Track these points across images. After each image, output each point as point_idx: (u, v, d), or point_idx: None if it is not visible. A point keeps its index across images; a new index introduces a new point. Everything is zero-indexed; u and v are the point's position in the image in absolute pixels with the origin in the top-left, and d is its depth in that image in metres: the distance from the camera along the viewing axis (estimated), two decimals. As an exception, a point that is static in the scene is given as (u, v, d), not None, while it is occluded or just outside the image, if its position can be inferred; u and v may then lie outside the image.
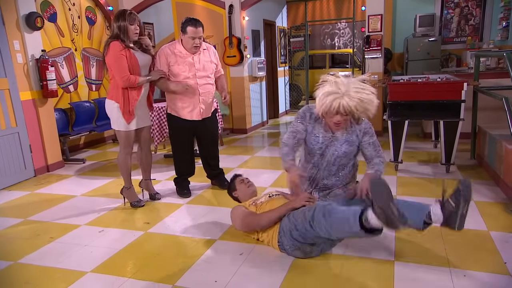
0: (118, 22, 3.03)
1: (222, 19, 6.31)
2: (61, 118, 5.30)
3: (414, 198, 3.29)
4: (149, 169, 3.60)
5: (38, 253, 2.64)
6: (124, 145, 3.30)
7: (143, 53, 3.23)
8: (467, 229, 2.67)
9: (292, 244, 2.31)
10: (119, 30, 3.04)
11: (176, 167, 3.70)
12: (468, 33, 7.30)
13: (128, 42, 3.08)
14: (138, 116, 3.25)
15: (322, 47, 10.79)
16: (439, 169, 4.02)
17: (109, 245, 2.70)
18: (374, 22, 5.45)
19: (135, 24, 3.07)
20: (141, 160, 3.53)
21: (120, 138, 3.29)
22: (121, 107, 3.12)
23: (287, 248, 2.35)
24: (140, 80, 3.12)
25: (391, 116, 3.93)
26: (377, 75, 5.63)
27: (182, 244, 2.67)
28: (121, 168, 3.37)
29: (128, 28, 3.04)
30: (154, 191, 3.61)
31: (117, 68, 3.03)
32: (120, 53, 3.02)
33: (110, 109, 3.18)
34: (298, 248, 2.31)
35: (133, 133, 3.29)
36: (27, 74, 4.43)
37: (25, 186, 4.22)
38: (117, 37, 3.04)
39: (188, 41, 3.27)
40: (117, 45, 3.02)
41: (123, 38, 3.04)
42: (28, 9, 4.40)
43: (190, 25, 3.22)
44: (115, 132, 3.35)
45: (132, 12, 3.09)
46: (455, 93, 3.69)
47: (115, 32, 3.05)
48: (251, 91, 6.70)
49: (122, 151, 3.32)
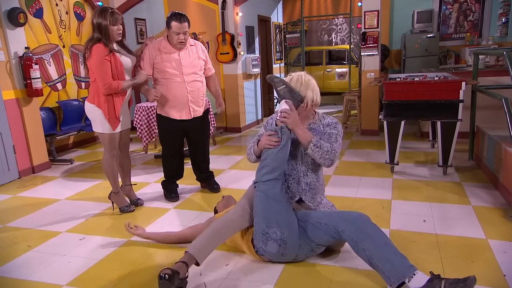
0: (98, 20, 2.83)
1: (215, 15, 6.14)
2: (48, 118, 5.14)
3: (410, 202, 3.18)
4: (129, 173, 3.42)
5: (13, 263, 2.51)
6: (109, 148, 3.14)
7: (128, 54, 3.07)
8: (464, 237, 2.56)
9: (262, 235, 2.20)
10: (100, 31, 2.84)
11: (164, 169, 3.56)
12: (467, 29, 7.15)
13: (111, 45, 2.89)
14: (122, 119, 3.11)
15: (319, 43, 10.63)
16: (436, 171, 3.90)
17: (89, 254, 2.57)
18: (370, 18, 5.30)
19: (117, 24, 2.89)
20: (121, 164, 3.32)
21: (104, 141, 3.13)
22: (106, 114, 2.96)
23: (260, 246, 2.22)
24: (124, 85, 2.96)
25: (386, 116, 3.79)
26: (374, 73, 5.50)
27: (167, 253, 2.54)
28: (107, 172, 3.21)
29: (110, 29, 2.86)
30: (135, 197, 3.43)
31: (99, 74, 2.86)
32: (105, 58, 2.84)
33: (92, 112, 3.02)
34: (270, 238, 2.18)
35: (118, 135, 3.14)
36: (9, 72, 4.27)
37: (8, 189, 4.08)
38: (98, 39, 2.85)
39: (172, 36, 3.12)
40: (101, 49, 2.84)
41: (106, 42, 2.86)
42: (10, 4, 4.24)
43: (175, 19, 3.06)
44: (98, 135, 3.19)
45: (114, 11, 2.87)
46: (453, 92, 3.55)
47: (95, 35, 2.86)
48: (245, 88, 6.55)
49: (107, 155, 3.16)
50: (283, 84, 2.28)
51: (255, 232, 2.24)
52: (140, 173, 4.39)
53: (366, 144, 5.20)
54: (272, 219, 2.17)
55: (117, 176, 3.24)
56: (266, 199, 2.18)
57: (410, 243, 2.51)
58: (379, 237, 2.01)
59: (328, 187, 3.63)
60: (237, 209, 2.29)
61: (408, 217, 2.90)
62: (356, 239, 2.03)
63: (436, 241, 2.52)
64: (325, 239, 2.20)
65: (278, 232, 2.16)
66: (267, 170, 2.20)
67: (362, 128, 5.79)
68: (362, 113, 5.76)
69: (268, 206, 2.18)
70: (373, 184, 3.67)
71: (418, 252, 2.39)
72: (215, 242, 2.17)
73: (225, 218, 2.25)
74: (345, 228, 2.07)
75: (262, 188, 2.20)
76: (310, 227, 2.19)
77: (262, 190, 2.19)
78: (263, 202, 2.19)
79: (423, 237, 2.59)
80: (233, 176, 4.14)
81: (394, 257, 1.94)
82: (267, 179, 2.19)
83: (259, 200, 2.21)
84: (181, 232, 2.63)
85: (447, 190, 3.42)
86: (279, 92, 2.29)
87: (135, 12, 6.93)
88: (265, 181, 2.19)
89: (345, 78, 9.34)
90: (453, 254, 2.36)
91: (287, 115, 2.20)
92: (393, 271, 1.90)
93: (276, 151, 2.20)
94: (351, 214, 2.15)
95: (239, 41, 6.21)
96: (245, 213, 2.28)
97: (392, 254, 1.96)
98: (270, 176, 2.19)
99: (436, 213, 2.95)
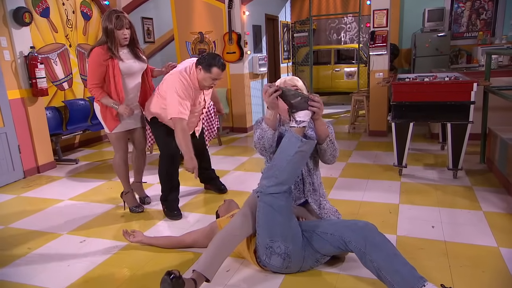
0: (105, 24, 2.82)
1: (222, 14, 6.08)
2: (54, 117, 5.14)
3: (419, 207, 3.08)
4: (141, 171, 3.44)
5: (12, 266, 2.48)
6: (117, 147, 3.16)
7: (136, 60, 3.01)
8: (475, 245, 2.47)
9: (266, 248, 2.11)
10: (106, 34, 2.82)
11: (164, 184, 3.19)
12: (479, 28, 6.99)
13: (115, 50, 2.84)
14: (126, 120, 3.07)
15: (328, 42, 10.50)
16: (446, 174, 3.79)
17: (88, 258, 2.53)
18: (379, 17, 5.19)
19: (123, 29, 2.84)
20: (133, 161, 3.37)
21: (112, 141, 3.16)
22: (102, 114, 2.96)
23: (264, 259, 2.15)
24: (103, 100, 2.88)
25: (395, 118, 3.70)
26: (382, 73, 5.39)
27: (168, 258, 2.49)
28: (117, 172, 3.25)
29: (115, 33, 2.82)
30: (144, 194, 3.47)
31: (89, 74, 2.86)
32: (103, 62, 2.81)
33: (99, 112, 3.04)
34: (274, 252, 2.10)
35: (123, 135, 3.12)
36: (15, 72, 4.27)
37: (12, 188, 4.08)
38: (104, 42, 2.83)
39: (207, 80, 2.88)
40: (101, 53, 2.81)
41: (110, 46, 2.82)
42: (15, 4, 4.23)
43: (218, 67, 2.83)
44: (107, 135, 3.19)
45: (120, 15, 2.83)
46: (464, 93, 3.44)
47: (102, 38, 2.85)
48: (251, 88, 6.48)
49: (116, 154, 3.20)
50: (298, 95, 2.07)
51: (258, 244, 2.16)
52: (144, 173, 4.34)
53: (374, 146, 5.10)
54: (276, 232, 2.08)
55: (127, 177, 3.24)
56: (270, 212, 2.07)
57: (418, 251, 2.43)
58: (386, 248, 1.94)
59: (333, 190, 3.56)
60: (239, 217, 2.20)
61: (416, 223, 2.81)
62: (364, 249, 1.95)
63: (445, 249, 2.43)
64: (331, 250, 2.11)
65: (282, 246, 2.07)
66: (273, 182, 2.06)
67: (370, 129, 5.69)
68: (370, 113, 5.66)
69: (272, 219, 2.08)
70: (380, 187, 3.57)
71: (426, 260, 2.31)
72: (222, 256, 2.07)
73: (228, 229, 2.15)
74: (352, 238, 2.00)
75: (266, 200, 2.08)
76: (316, 238, 2.11)
77: (266, 202, 2.08)
78: (266, 214, 2.09)
79: (431, 244, 2.50)
80: (238, 177, 4.08)
81: (403, 268, 1.86)
82: (273, 192, 2.07)
83: (263, 211, 2.10)
84: (182, 237, 2.58)
85: (457, 194, 3.31)
86: (294, 104, 2.07)
87: (142, 11, 6.91)
88: (271, 193, 2.08)
89: (353, 78, 9.21)
90: (463, 262, 2.27)
91: (320, 106, 2.04)
92: (402, 282, 1.83)
93: (289, 159, 2.04)
94: (357, 223, 2.07)
95: (246, 40, 6.14)
96: (247, 220, 2.18)
97: (401, 265, 1.88)
98: (276, 189, 2.06)
99: (445, 219, 2.85)
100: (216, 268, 2.03)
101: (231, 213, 2.56)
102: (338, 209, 2.51)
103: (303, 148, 2.04)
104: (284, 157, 2.06)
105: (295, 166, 2.08)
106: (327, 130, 2.16)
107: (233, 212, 2.60)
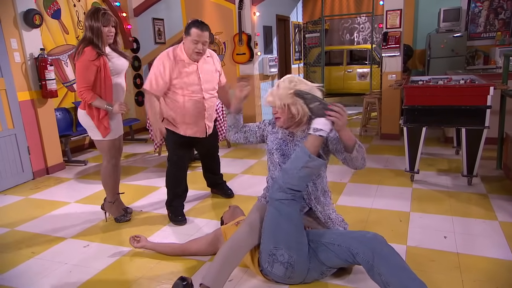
0: (90, 22, 2.72)
1: (232, 14, 6.03)
2: (64, 118, 5.17)
3: (431, 215, 2.97)
4: (119, 182, 3.22)
5: (16, 271, 2.47)
6: (109, 156, 3.01)
7: (120, 57, 2.93)
8: (490, 258, 2.35)
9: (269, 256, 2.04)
10: (92, 32, 2.74)
11: (170, 190, 3.15)
12: (497, 28, 6.76)
13: (103, 48, 2.77)
14: (114, 126, 2.96)
15: (341, 43, 10.37)
16: (460, 181, 3.65)
17: (91, 263, 2.50)
18: (392, 17, 5.06)
19: (109, 26, 2.77)
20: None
21: (103, 149, 2.99)
22: (95, 121, 2.84)
23: (266, 267, 2.09)
24: (96, 102, 2.77)
25: (407, 122, 3.58)
26: (395, 75, 5.26)
27: (170, 266, 2.44)
28: (106, 182, 3.07)
29: (102, 30, 2.74)
30: (124, 206, 3.23)
31: (78, 77, 2.75)
32: (92, 62, 2.71)
33: (84, 119, 2.89)
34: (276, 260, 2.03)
35: (116, 141, 3.00)
36: (25, 73, 4.29)
37: (21, 190, 4.10)
38: (90, 41, 2.74)
39: (190, 45, 2.81)
40: (91, 52, 2.72)
41: (97, 43, 2.74)
42: (26, 6, 4.25)
43: (196, 26, 2.78)
44: (94, 143, 3.03)
45: (106, 12, 2.76)
46: (480, 98, 3.30)
47: (87, 35, 2.75)
48: (261, 89, 6.42)
49: (107, 163, 3.03)
50: (316, 100, 2.01)
51: (262, 250, 2.10)
52: (151, 176, 4.33)
53: (386, 149, 4.98)
54: (280, 240, 2.01)
55: (115, 185, 3.13)
56: (277, 217, 2.02)
57: (429, 262, 2.33)
58: (395, 261, 1.85)
59: (342, 196, 3.47)
60: (246, 227, 2.14)
61: (428, 232, 2.70)
62: (372, 262, 1.87)
63: (458, 261, 2.32)
64: (338, 262, 2.03)
65: (285, 255, 2.00)
66: (282, 188, 2.00)
67: (382, 132, 5.56)
68: (382, 116, 5.53)
69: (279, 226, 2.02)
70: (391, 193, 3.47)
71: (437, 273, 2.21)
72: (229, 268, 2.02)
73: (234, 239, 2.09)
74: (360, 250, 1.91)
75: (274, 205, 2.04)
76: (322, 249, 2.03)
77: (276, 207, 2.03)
78: (273, 219, 2.03)
79: (443, 256, 2.40)
80: (245, 181, 4.02)
81: (411, 283, 1.78)
82: (281, 198, 2.01)
83: (270, 216, 2.05)
84: (185, 245, 2.53)
85: (471, 202, 3.19)
86: (312, 109, 2.01)
87: (153, 12, 6.91)
88: (280, 199, 2.01)
89: (366, 79, 9.06)
90: (476, 277, 2.16)
91: (341, 115, 1.91)
92: None
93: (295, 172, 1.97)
94: (365, 235, 1.99)
95: (256, 41, 6.08)
96: (254, 230, 2.13)
97: (410, 281, 1.79)
98: (284, 196, 2.00)
99: (458, 229, 2.74)
100: (224, 281, 1.99)
101: (236, 220, 2.50)
102: (346, 217, 2.43)
103: (310, 164, 1.96)
104: (293, 166, 2.00)
105: (302, 179, 2.01)
106: (353, 138, 2.01)
107: (238, 219, 2.54)
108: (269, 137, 2.37)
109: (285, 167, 2.06)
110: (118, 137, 3.04)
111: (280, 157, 2.26)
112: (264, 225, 2.08)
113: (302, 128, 2.23)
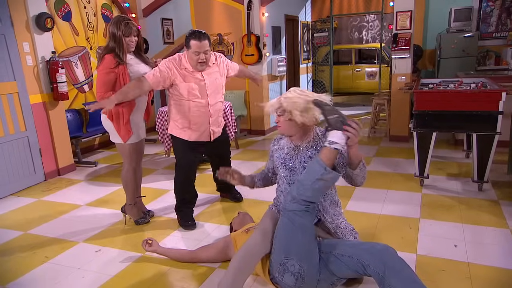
0: (113, 30, 2.80)
1: (241, 15, 6.02)
2: (74, 119, 5.23)
3: (440, 222, 2.96)
4: (140, 185, 3.32)
5: (29, 275, 2.52)
6: (130, 159, 3.08)
7: (140, 63, 2.99)
8: (501, 268, 2.34)
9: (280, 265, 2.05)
10: (114, 41, 2.81)
11: (178, 194, 3.20)
12: (510, 27, 6.67)
13: (123, 56, 2.82)
14: (137, 129, 3.03)
15: (349, 41, 10.28)
16: (470, 186, 3.63)
17: (103, 269, 2.54)
18: (402, 19, 5.02)
19: (131, 36, 2.84)
20: None
21: (124, 152, 3.06)
22: (115, 126, 2.91)
23: (276, 276, 2.10)
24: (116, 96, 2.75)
25: (417, 127, 3.56)
26: (405, 77, 5.22)
27: (180, 273, 2.47)
28: (126, 184, 3.13)
29: (123, 40, 2.81)
30: (146, 209, 3.34)
31: (98, 82, 2.84)
32: (112, 69, 2.79)
33: (107, 124, 2.97)
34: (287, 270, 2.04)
35: (138, 146, 3.08)
36: (37, 76, 4.34)
37: (33, 191, 4.16)
38: (112, 49, 2.81)
39: (192, 57, 2.84)
40: (110, 60, 2.79)
41: (118, 52, 2.80)
42: (38, 10, 4.29)
43: (193, 38, 2.80)
44: (116, 146, 3.11)
45: (129, 22, 2.83)
46: (491, 103, 3.27)
47: (110, 44, 2.83)
48: (270, 90, 6.42)
49: (128, 166, 3.10)
50: (335, 113, 1.97)
51: (272, 259, 2.11)
52: (160, 179, 4.37)
53: (395, 152, 4.96)
54: (292, 250, 2.02)
55: (136, 188, 3.19)
56: (290, 228, 2.02)
57: (439, 272, 2.33)
58: (406, 274, 1.85)
59: (351, 200, 3.47)
60: (259, 235, 2.15)
61: (438, 241, 2.70)
62: (383, 274, 1.87)
63: (468, 271, 2.32)
64: (348, 273, 2.04)
65: (296, 265, 2.01)
66: (296, 199, 2.00)
67: (391, 134, 5.53)
68: (391, 117, 5.50)
69: (291, 236, 2.03)
70: (400, 199, 3.46)
71: (447, 284, 2.21)
72: (243, 276, 2.05)
73: (247, 248, 2.10)
74: (371, 262, 1.92)
75: (288, 215, 2.04)
76: (333, 259, 2.04)
77: (289, 218, 2.03)
78: (286, 230, 2.04)
79: (453, 265, 2.39)
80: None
81: None
82: (295, 209, 2.01)
83: (283, 227, 2.06)
84: (195, 253, 2.55)
85: (482, 209, 3.17)
86: (330, 121, 1.99)
87: (162, 12, 6.93)
88: (293, 210, 2.02)
89: (375, 78, 9.00)
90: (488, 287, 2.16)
91: (356, 133, 1.95)
92: None
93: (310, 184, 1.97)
94: (376, 246, 1.99)
95: (265, 42, 6.07)
96: (266, 238, 2.14)
97: None
98: (297, 207, 2.00)
99: (469, 237, 2.73)
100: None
101: (246, 227, 2.52)
102: (356, 223, 2.44)
103: (326, 177, 1.96)
104: (308, 178, 2.00)
105: (317, 191, 2.01)
106: (360, 156, 2.05)
107: (247, 226, 2.55)
108: (275, 155, 2.39)
109: (300, 178, 2.06)
110: (140, 140, 3.10)
111: (285, 171, 2.27)
112: (276, 234, 2.10)
113: (307, 140, 2.24)
